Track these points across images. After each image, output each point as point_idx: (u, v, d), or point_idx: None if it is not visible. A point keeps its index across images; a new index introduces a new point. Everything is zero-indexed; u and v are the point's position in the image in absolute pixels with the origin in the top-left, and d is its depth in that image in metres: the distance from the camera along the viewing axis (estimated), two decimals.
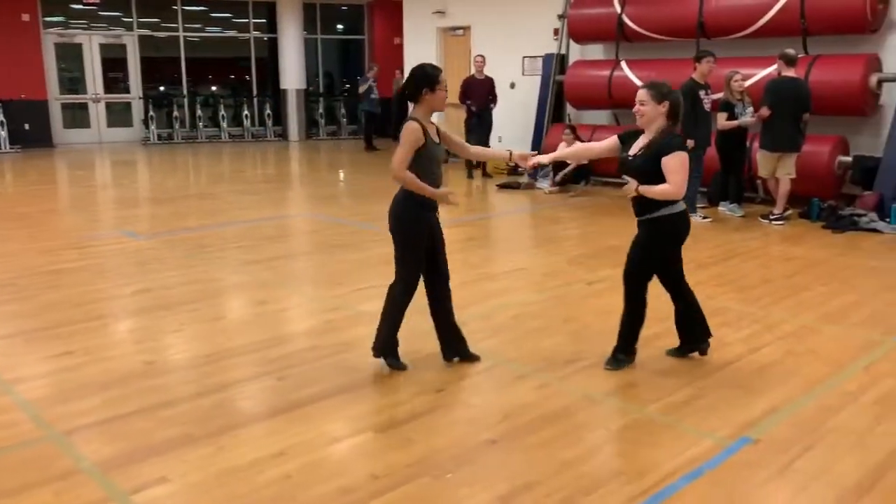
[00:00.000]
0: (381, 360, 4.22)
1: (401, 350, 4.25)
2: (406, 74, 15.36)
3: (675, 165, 3.92)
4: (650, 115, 4.01)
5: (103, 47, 17.34)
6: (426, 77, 3.97)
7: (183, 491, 2.99)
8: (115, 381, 4.05)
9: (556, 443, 3.37)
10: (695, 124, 8.16)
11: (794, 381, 4.05)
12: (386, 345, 4.22)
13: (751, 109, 8.37)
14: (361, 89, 16.46)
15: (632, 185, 4.04)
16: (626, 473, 3.11)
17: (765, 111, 8.12)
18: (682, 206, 4.06)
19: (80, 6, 16.80)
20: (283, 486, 3.00)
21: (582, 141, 10.65)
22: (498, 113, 11.99)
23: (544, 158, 4.34)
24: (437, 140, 4.05)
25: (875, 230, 7.80)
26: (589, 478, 3.07)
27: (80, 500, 2.91)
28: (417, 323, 4.40)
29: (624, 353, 4.25)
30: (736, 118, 8.35)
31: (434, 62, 15.14)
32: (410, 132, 3.90)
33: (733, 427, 3.50)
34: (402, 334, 4.25)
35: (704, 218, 8.45)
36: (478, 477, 3.10)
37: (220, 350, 4.53)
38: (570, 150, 5.02)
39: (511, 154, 4.32)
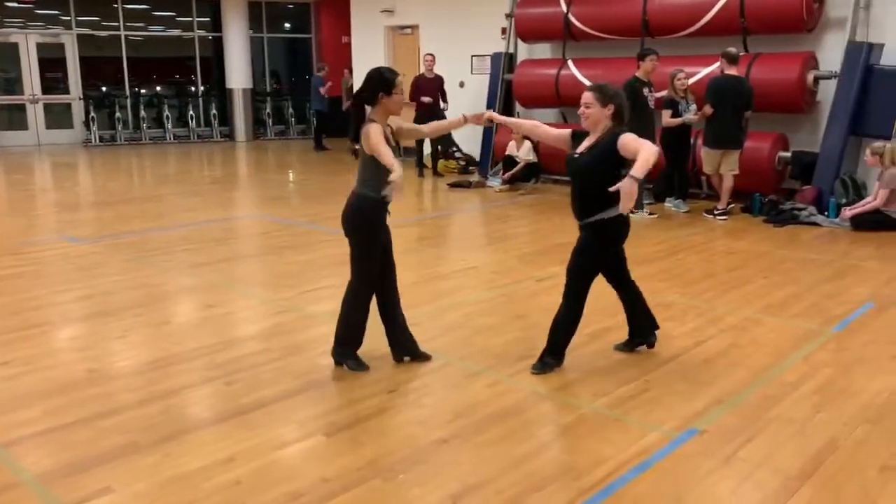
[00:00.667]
0: (343, 364, 4.20)
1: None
2: (355, 74, 15.34)
3: (631, 138, 3.91)
4: (595, 117, 4.05)
5: (41, 46, 16.84)
6: (383, 81, 3.96)
7: (128, 501, 2.92)
8: (56, 391, 3.93)
9: (506, 440, 3.38)
10: (638, 122, 8.30)
11: (738, 373, 4.15)
12: (347, 348, 4.19)
13: (694, 107, 8.54)
14: (323, 90, 16.18)
15: (626, 184, 3.71)
16: (576, 468, 3.14)
17: (708, 109, 8.30)
18: (617, 210, 4.04)
19: (15, 4, 16.29)
20: (232, 492, 2.95)
21: (530, 140, 10.73)
22: (447, 111, 11.99)
23: (497, 117, 4.44)
24: (393, 144, 4.05)
25: (814, 223, 8.03)
26: (539, 474, 3.09)
27: None
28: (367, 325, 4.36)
29: (553, 356, 4.20)
30: (680, 115, 8.51)
31: (383, 61, 15.17)
32: (376, 133, 3.88)
33: (680, 419, 3.57)
34: None
35: (650, 214, 8.59)
36: (429, 477, 3.10)
37: (167, 356, 4.44)
38: (527, 124, 4.86)
39: (465, 118, 4.35)
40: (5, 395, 3.90)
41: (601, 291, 5.69)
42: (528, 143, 10.65)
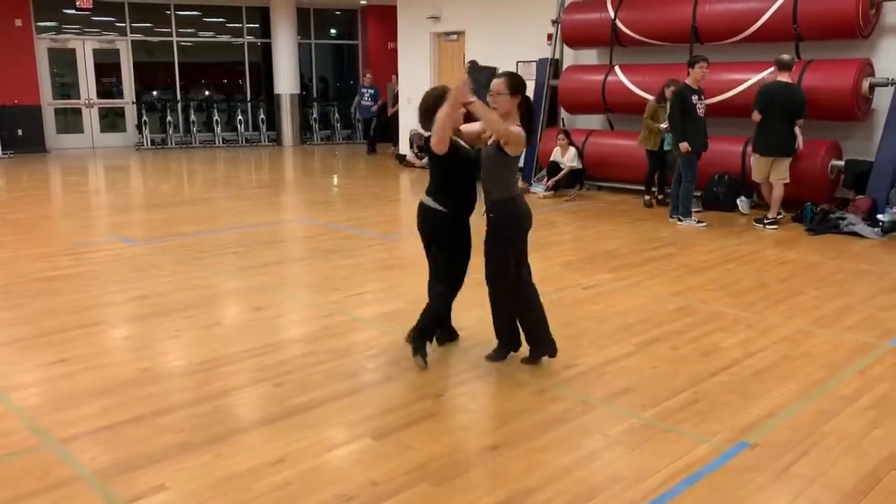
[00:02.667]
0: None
1: (397, 355, 4.26)
2: (401, 80, 15.46)
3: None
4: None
5: (96, 52, 17.32)
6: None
7: (181, 498, 2.98)
8: (111, 389, 4.04)
9: (555, 448, 3.37)
10: (687, 129, 8.25)
11: (790, 386, 4.07)
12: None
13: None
14: (373, 106, 16.61)
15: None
16: (625, 479, 3.11)
17: (756, 115, 8.17)
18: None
19: (73, 11, 16.76)
20: (282, 493, 2.99)
21: (575, 146, 10.69)
22: None
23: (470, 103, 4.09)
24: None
25: (855, 233, 7.86)
26: (588, 483, 3.08)
27: None
28: (404, 330, 4.39)
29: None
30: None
31: (428, 67, 15.29)
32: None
33: (731, 431, 3.52)
34: (397, 340, 4.26)
35: (699, 222, 8.48)
36: (478, 483, 3.10)
37: (217, 357, 4.52)
38: (468, 128, 4.42)
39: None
40: (63, 391, 4.02)
41: (648, 302, 5.65)
42: (572, 150, 10.61)
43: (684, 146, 8.31)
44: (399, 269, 6.79)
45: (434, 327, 4.40)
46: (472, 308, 4.89)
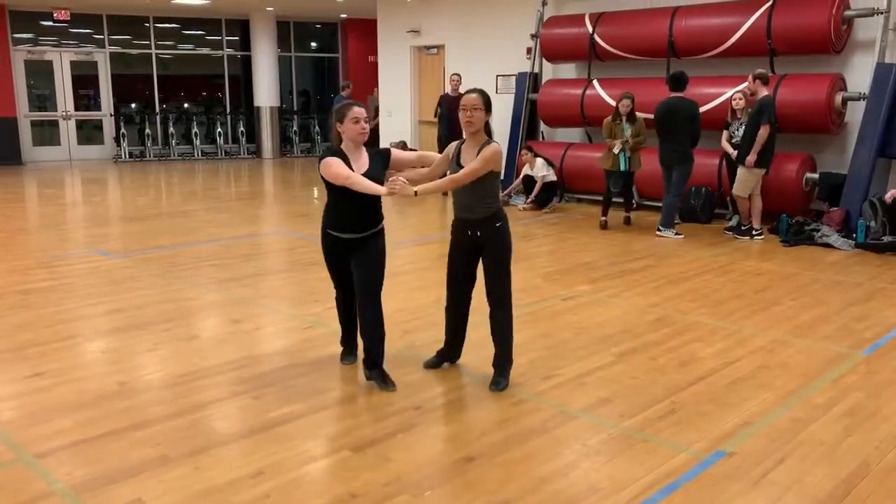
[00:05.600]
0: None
1: (385, 367, 4.26)
2: (381, 93, 15.52)
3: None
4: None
5: (74, 64, 17.21)
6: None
7: None
8: (87, 403, 4.00)
9: (532, 459, 3.38)
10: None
11: (766, 395, 4.11)
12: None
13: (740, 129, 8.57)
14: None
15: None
16: (603, 488, 3.13)
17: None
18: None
19: (51, 23, 16.66)
20: None
21: (544, 158, 10.70)
22: None
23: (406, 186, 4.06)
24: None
25: (828, 245, 7.99)
26: (565, 494, 3.09)
27: None
28: (386, 342, 4.40)
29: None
30: (731, 138, 8.66)
31: (409, 80, 15.38)
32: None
33: (708, 440, 3.55)
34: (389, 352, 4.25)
35: (677, 234, 8.56)
36: (455, 494, 3.10)
37: (195, 370, 4.49)
38: (412, 174, 4.34)
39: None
40: (39, 406, 3.97)
41: (626, 313, 5.69)
42: (538, 161, 10.61)
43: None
44: None
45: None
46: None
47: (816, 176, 8.99)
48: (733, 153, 8.50)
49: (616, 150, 8.87)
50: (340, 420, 3.82)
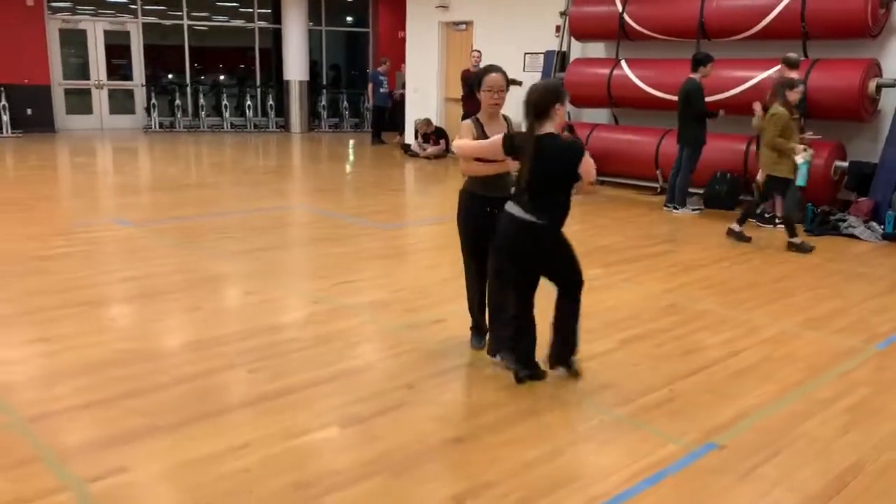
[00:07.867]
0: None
1: (379, 344, 4.23)
2: (408, 69, 15.46)
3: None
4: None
5: (108, 34, 17.34)
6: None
7: (141, 481, 2.98)
8: (88, 370, 4.04)
9: (520, 443, 3.35)
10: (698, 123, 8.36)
11: (768, 387, 4.02)
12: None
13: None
14: (388, 91, 16.40)
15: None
16: (587, 476, 3.09)
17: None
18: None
19: None
20: (238, 479, 2.99)
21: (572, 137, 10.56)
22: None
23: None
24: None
25: (854, 236, 7.78)
26: (548, 479, 3.05)
27: (37, 488, 2.90)
28: (388, 320, 4.38)
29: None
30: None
31: (436, 57, 15.26)
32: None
33: (700, 432, 3.48)
34: (380, 328, 4.23)
35: (693, 209, 8.58)
36: (438, 474, 3.09)
37: (199, 340, 4.53)
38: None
39: None
40: (40, 371, 4.03)
41: (637, 298, 5.61)
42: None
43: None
44: (391, 258, 6.78)
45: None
46: (451, 301, 4.87)
47: (846, 164, 8.75)
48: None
49: (801, 161, 6.95)
50: (333, 396, 3.81)
